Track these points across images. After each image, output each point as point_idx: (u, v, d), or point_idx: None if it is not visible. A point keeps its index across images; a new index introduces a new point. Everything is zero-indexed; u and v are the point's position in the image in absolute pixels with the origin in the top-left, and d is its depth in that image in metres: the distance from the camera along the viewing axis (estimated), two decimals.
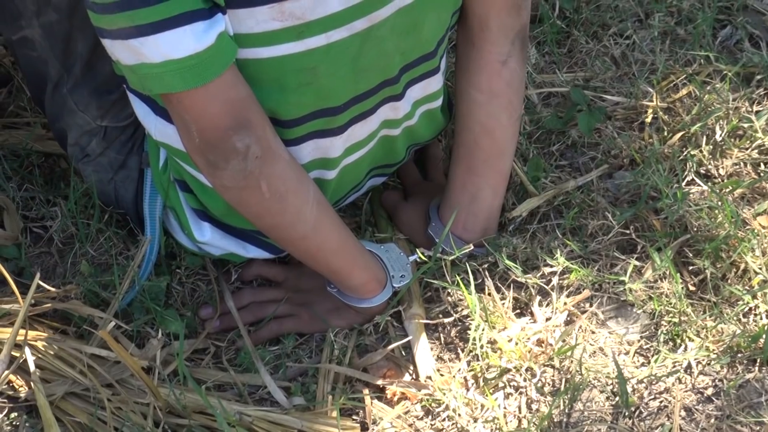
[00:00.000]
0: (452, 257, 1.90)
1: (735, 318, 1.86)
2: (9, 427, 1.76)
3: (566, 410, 1.78)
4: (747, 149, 2.07)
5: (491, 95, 1.88)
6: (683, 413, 1.79)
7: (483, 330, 1.85)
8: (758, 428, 1.77)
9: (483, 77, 1.88)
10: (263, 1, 1.57)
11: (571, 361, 1.83)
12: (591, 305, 1.91)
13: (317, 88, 1.69)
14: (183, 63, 1.56)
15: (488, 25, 1.84)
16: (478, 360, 1.84)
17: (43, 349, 1.78)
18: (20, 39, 1.83)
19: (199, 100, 1.61)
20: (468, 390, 1.82)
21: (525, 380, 1.83)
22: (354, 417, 1.80)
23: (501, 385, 1.83)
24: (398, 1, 1.66)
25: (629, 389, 1.79)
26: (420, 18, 1.73)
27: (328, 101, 1.72)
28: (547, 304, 1.91)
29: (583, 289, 1.92)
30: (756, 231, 1.94)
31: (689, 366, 1.83)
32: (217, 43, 1.56)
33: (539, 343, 1.85)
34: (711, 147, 2.07)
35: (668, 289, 1.89)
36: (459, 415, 1.79)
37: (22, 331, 1.74)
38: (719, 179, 2.04)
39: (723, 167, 2.05)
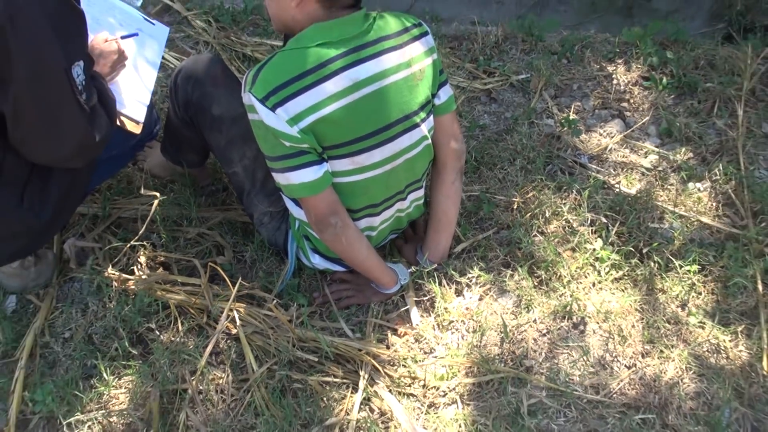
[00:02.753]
0: (427, 270, 1.89)
1: (556, 297, 1.87)
2: (225, 347, 1.77)
3: (479, 341, 1.79)
4: (560, 221, 2.07)
5: (447, 197, 1.87)
6: (535, 334, 1.79)
7: (441, 303, 1.85)
8: (567, 350, 1.78)
9: (443, 189, 1.87)
10: (344, 156, 1.60)
11: (482, 317, 1.83)
12: (490, 291, 1.90)
13: (368, 196, 1.70)
14: (307, 184, 1.58)
15: (445, 166, 1.84)
16: (439, 317, 1.84)
17: (242, 311, 1.78)
18: (232, 172, 1.83)
19: (314, 201, 1.62)
20: (435, 330, 1.82)
21: (460, 326, 1.83)
22: (383, 342, 1.80)
23: (449, 328, 1.83)
24: (407, 156, 1.69)
25: (508, 330, 1.79)
26: (415, 164, 1.74)
27: (372, 201, 1.73)
28: (470, 290, 1.90)
29: (487, 283, 1.91)
30: (565, 258, 1.95)
31: (535, 320, 1.83)
32: (324, 174, 1.58)
33: (467, 309, 1.85)
34: (544, 220, 2.07)
35: (525, 284, 1.89)
36: (430, 341, 1.80)
37: (232, 303, 1.75)
38: (548, 234, 2.03)
39: (549, 228, 2.05)
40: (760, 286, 1.91)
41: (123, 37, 1.83)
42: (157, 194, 1.84)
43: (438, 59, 1.71)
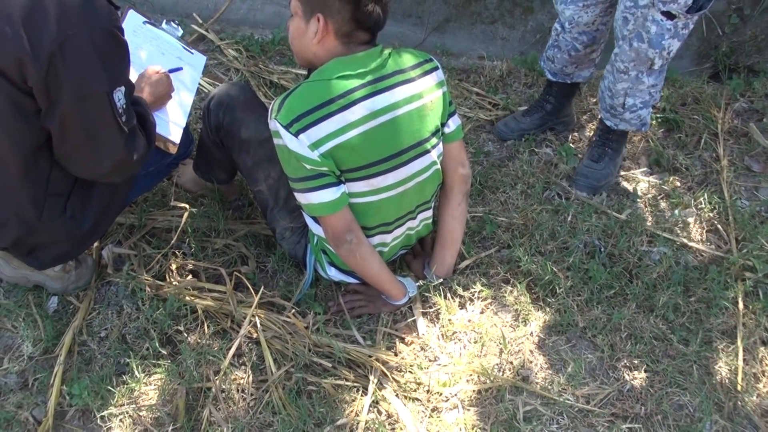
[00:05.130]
0: (434, 284, 1.88)
1: (552, 313, 1.86)
2: (247, 350, 1.75)
3: (480, 351, 1.77)
4: (556, 242, 2.05)
5: (453, 218, 1.86)
6: (532, 346, 1.78)
7: (446, 315, 1.84)
8: (561, 362, 1.76)
9: (450, 210, 1.86)
10: (361, 179, 1.60)
11: (482, 329, 1.81)
12: (491, 305, 1.89)
13: (381, 215, 1.70)
14: (325, 204, 1.58)
15: (452, 189, 1.84)
16: (444, 327, 1.82)
17: (262, 317, 1.78)
18: (257, 190, 1.83)
19: (331, 220, 1.62)
20: (439, 340, 1.81)
21: (463, 336, 1.81)
22: (391, 350, 1.78)
23: (453, 339, 1.81)
24: (417, 179, 1.69)
25: (506, 342, 1.78)
26: (425, 187, 1.74)
27: (385, 220, 1.73)
28: (473, 304, 1.89)
29: (488, 298, 1.90)
30: (560, 276, 1.93)
31: (532, 333, 1.82)
32: (341, 195, 1.58)
33: (469, 321, 1.84)
34: (542, 240, 2.05)
35: (524, 300, 1.88)
36: (435, 350, 1.78)
37: (254, 310, 1.74)
38: (545, 253, 2.02)
39: (547, 248, 2.04)
40: (740, 308, 1.89)
41: (171, 71, 1.84)
42: (187, 206, 1.85)
43: (447, 92, 1.72)
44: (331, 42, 1.54)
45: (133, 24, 1.85)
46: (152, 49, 1.86)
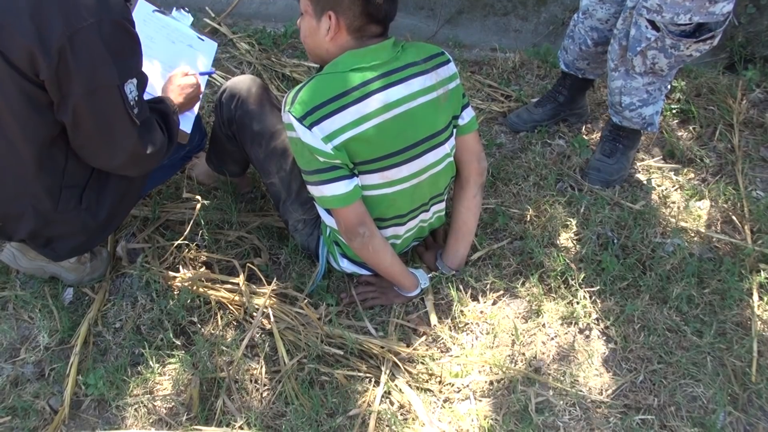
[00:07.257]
0: (446, 275, 1.89)
1: (564, 304, 1.85)
2: (260, 340, 1.77)
3: (492, 342, 1.77)
4: (569, 233, 2.05)
5: (468, 209, 1.86)
6: (544, 337, 1.77)
7: (458, 306, 1.84)
8: (573, 353, 1.75)
9: (465, 202, 1.86)
10: (374, 171, 1.60)
11: (495, 321, 1.81)
12: (503, 297, 1.89)
13: (395, 207, 1.71)
14: (338, 197, 1.58)
15: (468, 181, 1.84)
16: (456, 319, 1.83)
17: (275, 307, 1.79)
18: (270, 183, 1.83)
19: (344, 212, 1.62)
20: (451, 331, 1.81)
21: (474, 328, 1.82)
22: (403, 341, 1.79)
23: (465, 330, 1.82)
24: (431, 171, 1.69)
25: (518, 333, 1.78)
26: (439, 179, 1.74)
27: (399, 212, 1.73)
28: (485, 296, 1.89)
29: (500, 289, 1.90)
30: (573, 268, 1.93)
31: (544, 325, 1.81)
32: (354, 188, 1.58)
33: (481, 312, 1.84)
34: (554, 232, 2.05)
35: (536, 291, 1.88)
36: (447, 341, 1.78)
37: (267, 301, 1.75)
38: (558, 245, 2.02)
39: (559, 240, 2.04)
40: (755, 299, 1.88)
41: (201, 74, 1.85)
42: (199, 197, 1.86)
43: (460, 84, 1.72)
44: (344, 38, 1.55)
45: (142, 13, 1.85)
46: (162, 38, 1.87)
